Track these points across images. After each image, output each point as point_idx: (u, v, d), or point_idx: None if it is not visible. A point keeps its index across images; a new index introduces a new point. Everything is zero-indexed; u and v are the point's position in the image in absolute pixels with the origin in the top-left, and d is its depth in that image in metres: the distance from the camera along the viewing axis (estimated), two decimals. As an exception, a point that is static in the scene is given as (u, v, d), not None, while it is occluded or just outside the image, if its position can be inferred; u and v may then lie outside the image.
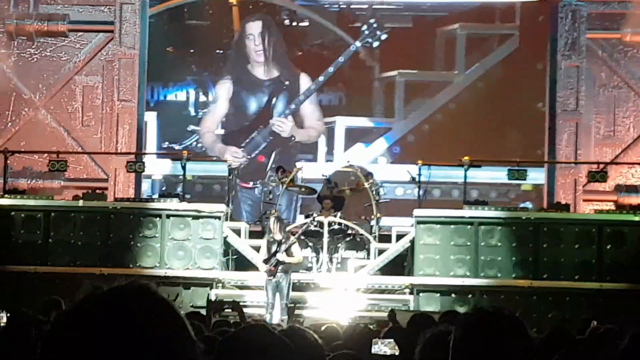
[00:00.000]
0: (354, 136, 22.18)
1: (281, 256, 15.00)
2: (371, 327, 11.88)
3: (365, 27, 21.73)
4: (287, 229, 15.58)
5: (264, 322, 10.69)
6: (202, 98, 22.97)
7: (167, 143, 22.57)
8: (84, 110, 21.81)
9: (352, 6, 22.62)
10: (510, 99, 22.12)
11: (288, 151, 21.83)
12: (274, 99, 22.14)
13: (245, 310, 15.61)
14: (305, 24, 23.01)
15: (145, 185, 21.34)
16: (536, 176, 20.24)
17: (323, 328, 9.98)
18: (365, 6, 22.18)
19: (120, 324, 1.91)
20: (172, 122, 22.78)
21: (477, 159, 18.13)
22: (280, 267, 15.14)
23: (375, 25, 21.65)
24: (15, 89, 21.84)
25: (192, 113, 23.07)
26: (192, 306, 15.79)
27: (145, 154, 20.55)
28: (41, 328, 6.05)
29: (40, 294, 16.31)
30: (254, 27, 22.40)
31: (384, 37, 21.72)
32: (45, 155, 19.22)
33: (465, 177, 17.68)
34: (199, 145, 22.20)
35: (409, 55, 22.34)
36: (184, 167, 17.93)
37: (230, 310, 15.36)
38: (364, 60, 22.44)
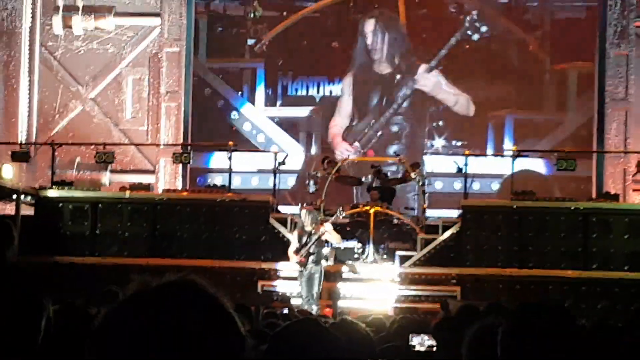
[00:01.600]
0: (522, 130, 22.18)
1: (326, 231, 15.06)
2: (418, 318, 11.81)
3: (467, 19, 21.81)
4: (319, 219, 15.53)
5: (314, 316, 10.66)
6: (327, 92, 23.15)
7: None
8: (130, 102, 21.93)
9: None
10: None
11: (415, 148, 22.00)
12: (387, 95, 22.43)
13: (291, 302, 15.64)
14: (424, 10, 23.06)
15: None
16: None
17: (369, 319, 9.93)
18: None
19: (169, 320, 1.90)
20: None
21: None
22: (310, 258, 15.16)
23: (476, 17, 21.74)
24: (63, 82, 22.02)
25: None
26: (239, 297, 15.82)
27: (191, 144, 20.60)
28: (91, 320, 6.04)
29: (88, 284, 16.44)
30: (368, 26, 22.60)
31: (484, 29, 21.76)
32: (93, 147, 19.36)
33: (513, 167, 17.52)
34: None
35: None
36: (230, 158, 17.94)
37: (279, 302, 15.36)
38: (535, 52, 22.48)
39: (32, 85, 21.89)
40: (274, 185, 17.96)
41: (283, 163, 18.04)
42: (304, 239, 15.21)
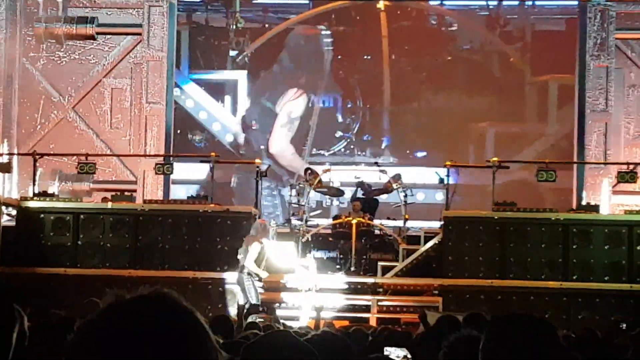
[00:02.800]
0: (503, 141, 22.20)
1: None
2: (398, 329, 11.85)
3: None
4: (251, 234, 15.47)
5: (290, 328, 10.65)
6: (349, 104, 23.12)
7: (314, 149, 22.86)
8: (112, 113, 21.92)
9: (502, 9, 22.57)
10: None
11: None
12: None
13: (278, 312, 15.64)
14: (454, 28, 23.04)
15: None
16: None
17: (351, 330, 9.97)
18: (516, 8, 22.08)
19: (140, 334, 1.91)
20: (322, 129, 22.98)
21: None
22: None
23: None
24: (45, 92, 21.98)
25: (340, 119, 23.25)
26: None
27: (173, 155, 20.61)
28: (72, 330, 6.03)
29: (69, 295, 16.39)
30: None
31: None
32: (74, 157, 19.32)
33: (494, 178, 17.58)
34: (347, 151, 22.63)
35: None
36: (212, 169, 17.93)
37: (263, 312, 15.35)
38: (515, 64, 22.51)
39: (13, 96, 21.83)
40: (257, 195, 17.97)
41: (265, 174, 18.05)
42: (261, 252, 15.22)
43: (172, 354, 1.92)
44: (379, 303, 16.59)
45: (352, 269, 17.19)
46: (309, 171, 18.36)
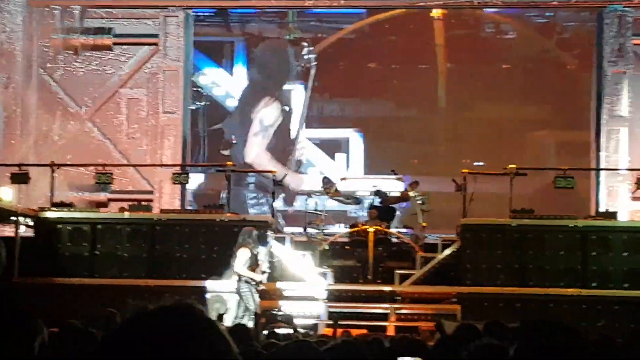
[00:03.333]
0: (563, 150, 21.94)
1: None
2: (415, 337, 11.78)
3: None
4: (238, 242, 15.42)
5: (310, 338, 10.62)
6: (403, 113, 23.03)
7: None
8: (129, 123, 21.97)
9: (559, 16, 22.42)
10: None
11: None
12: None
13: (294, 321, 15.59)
14: (511, 36, 22.93)
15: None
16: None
17: (369, 339, 9.91)
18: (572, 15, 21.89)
19: (165, 346, 1.91)
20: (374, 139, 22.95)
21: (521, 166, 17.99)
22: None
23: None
24: (62, 103, 22.05)
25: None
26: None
27: (189, 165, 20.64)
28: (92, 341, 6.03)
29: (86, 305, 16.40)
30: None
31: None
32: (92, 168, 19.36)
33: (512, 186, 17.50)
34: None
35: None
36: (228, 178, 17.93)
37: (282, 323, 15.30)
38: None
39: (31, 106, 21.91)
40: (272, 204, 17.96)
41: (280, 183, 18.04)
42: (252, 258, 15.17)
43: None
44: (397, 311, 16.53)
45: (369, 277, 17.14)
46: (326, 180, 18.35)
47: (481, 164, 21.52)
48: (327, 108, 23.29)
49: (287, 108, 22.65)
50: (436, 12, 22.41)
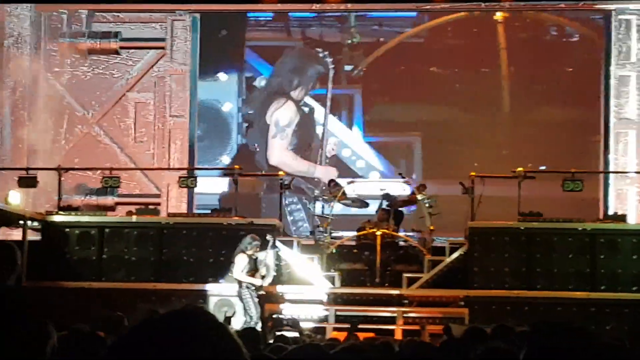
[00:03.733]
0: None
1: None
2: (424, 341, 11.77)
3: None
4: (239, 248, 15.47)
5: (317, 342, 10.61)
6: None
7: None
8: (136, 127, 21.98)
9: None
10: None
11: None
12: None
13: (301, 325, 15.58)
14: (575, 39, 22.81)
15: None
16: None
17: (377, 343, 9.88)
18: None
19: (176, 349, 1.91)
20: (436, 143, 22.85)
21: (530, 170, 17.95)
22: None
23: None
24: (69, 107, 22.08)
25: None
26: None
27: (196, 169, 20.65)
28: (101, 344, 6.03)
29: (94, 309, 16.40)
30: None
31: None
32: (99, 171, 19.36)
33: (519, 189, 17.47)
34: None
35: None
36: (236, 182, 17.94)
37: (289, 327, 15.29)
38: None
39: (39, 111, 21.94)
40: (280, 208, 17.95)
41: (288, 186, 18.05)
42: (251, 263, 15.23)
43: None
44: (405, 315, 16.51)
45: (377, 280, 17.13)
46: (333, 183, 18.34)
47: (543, 167, 21.39)
48: (387, 112, 23.14)
49: (305, 109, 22.59)
50: (499, 15, 22.29)
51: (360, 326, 15.79)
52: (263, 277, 15.21)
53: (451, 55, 22.73)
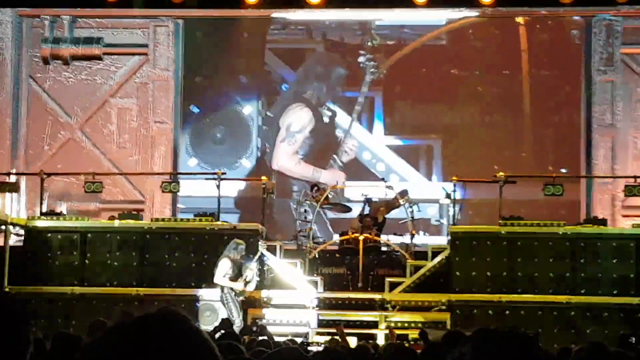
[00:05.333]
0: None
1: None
2: (404, 346, 11.80)
3: None
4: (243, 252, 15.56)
5: (296, 345, 10.64)
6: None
7: None
8: (119, 133, 21.94)
9: None
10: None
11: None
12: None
13: (278, 329, 15.58)
14: (545, 35, 22.75)
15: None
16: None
17: (355, 347, 9.93)
18: None
19: (148, 353, 1.91)
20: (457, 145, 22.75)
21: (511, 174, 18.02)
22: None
23: None
24: (52, 112, 22.03)
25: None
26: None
27: (179, 173, 20.64)
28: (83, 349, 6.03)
29: (76, 314, 16.41)
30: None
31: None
32: (82, 177, 19.35)
33: (501, 193, 17.56)
34: None
35: None
36: (218, 187, 17.96)
37: (257, 333, 15.27)
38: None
39: (21, 116, 21.90)
40: (263, 212, 17.97)
41: (271, 192, 18.07)
42: (235, 268, 15.28)
43: None
44: (387, 319, 16.55)
45: (360, 285, 17.17)
46: (315, 188, 18.38)
47: (564, 170, 21.39)
48: (408, 115, 23.05)
49: (328, 113, 22.52)
50: (520, 18, 22.24)
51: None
52: (247, 283, 15.24)
53: (472, 57, 22.66)
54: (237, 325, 14.78)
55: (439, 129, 22.78)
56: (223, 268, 15.13)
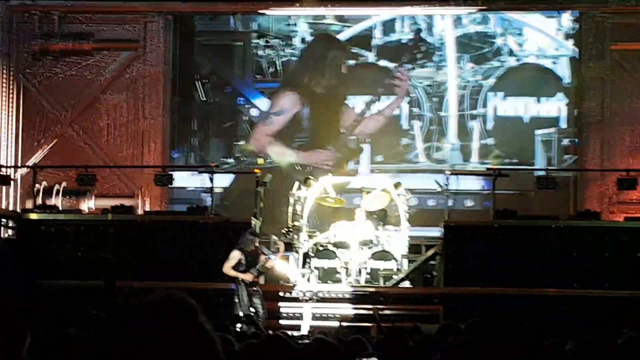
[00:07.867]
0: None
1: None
2: (397, 337, 11.80)
3: None
4: (257, 244, 15.49)
5: (283, 335, 10.62)
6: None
7: None
8: (110, 128, 21.91)
9: None
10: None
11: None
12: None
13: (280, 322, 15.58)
14: None
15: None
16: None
17: (349, 339, 9.92)
18: None
19: (154, 337, 1.95)
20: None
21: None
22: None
23: None
24: (43, 108, 21.97)
25: None
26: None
27: (171, 166, 20.61)
28: (79, 343, 6.03)
29: (70, 308, 16.33)
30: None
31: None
32: (74, 172, 19.29)
33: (494, 186, 17.60)
34: None
35: None
36: (211, 180, 17.95)
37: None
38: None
39: (12, 111, 21.83)
40: (256, 204, 17.94)
41: (264, 184, 18.05)
42: (247, 259, 15.23)
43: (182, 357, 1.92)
44: (380, 312, 16.54)
45: (354, 278, 17.16)
46: (308, 180, 18.35)
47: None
48: None
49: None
50: None
51: (334, 324, 15.84)
52: (259, 275, 15.26)
53: None
54: (242, 317, 14.76)
55: None
56: (233, 259, 15.12)
